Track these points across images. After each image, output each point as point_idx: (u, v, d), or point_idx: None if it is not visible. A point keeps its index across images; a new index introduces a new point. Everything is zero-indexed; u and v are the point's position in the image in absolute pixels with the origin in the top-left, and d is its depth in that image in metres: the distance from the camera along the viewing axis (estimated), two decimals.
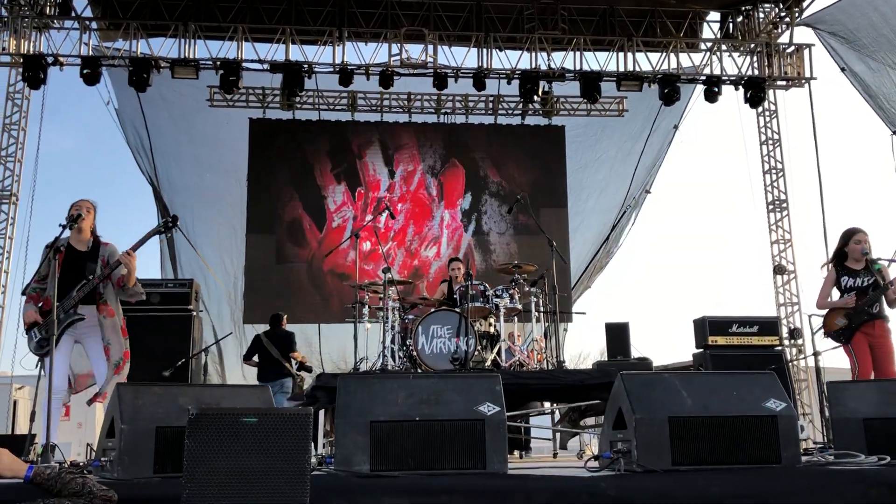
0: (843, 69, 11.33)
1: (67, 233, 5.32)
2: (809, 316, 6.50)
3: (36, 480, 2.99)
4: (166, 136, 12.61)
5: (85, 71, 10.82)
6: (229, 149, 12.78)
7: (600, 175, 13.52)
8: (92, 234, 5.57)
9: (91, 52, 11.06)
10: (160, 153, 12.57)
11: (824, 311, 6.45)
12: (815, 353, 6.17)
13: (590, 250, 13.53)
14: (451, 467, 3.60)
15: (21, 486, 3.01)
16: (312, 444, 2.99)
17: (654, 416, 3.69)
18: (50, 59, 10.88)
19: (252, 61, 11.25)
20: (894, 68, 10.58)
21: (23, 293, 5.39)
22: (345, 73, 11.25)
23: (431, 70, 11.48)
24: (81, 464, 4.62)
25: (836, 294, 6.51)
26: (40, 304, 5.33)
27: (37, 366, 5.18)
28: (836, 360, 6.61)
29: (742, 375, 4.03)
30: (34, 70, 10.70)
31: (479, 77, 11.52)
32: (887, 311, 6.30)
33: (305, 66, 11.24)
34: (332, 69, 11.37)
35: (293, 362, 9.68)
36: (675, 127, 13.17)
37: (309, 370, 9.69)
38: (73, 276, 5.36)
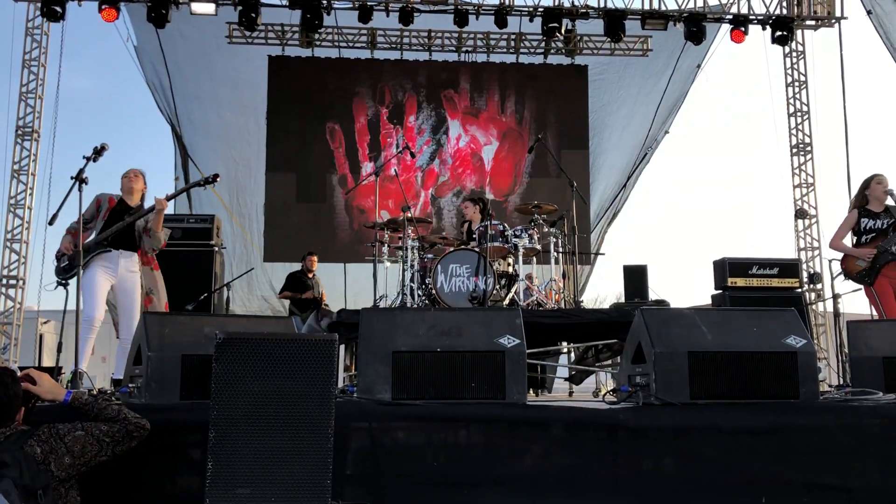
0: (869, 12, 11.00)
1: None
2: (829, 261, 6.48)
3: (74, 405, 3.10)
4: (185, 74, 12.52)
5: (103, 6, 10.72)
6: (248, 87, 12.71)
7: (622, 113, 13.34)
8: (142, 198, 5.96)
9: None
10: (179, 91, 12.52)
11: (838, 254, 6.44)
12: (835, 296, 6.16)
13: (612, 191, 13.44)
14: (470, 397, 3.66)
15: (60, 409, 3.11)
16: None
17: (674, 350, 3.72)
18: None
19: None
20: None
21: (56, 224, 5.61)
22: (364, 10, 11.09)
23: (452, 6, 11.29)
24: (109, 391, 4.73)
25: (848, 239, 6.49)
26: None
27: (55, 287, 5.34)
28: (854, 305, 6.60)
29: (763, 312, 4.04)
30: (52, 4, 10.61)
31: (501, 14, 11.31)
32: None
33: (324, 1, 11.08)
34: (351, 5, 11.21)
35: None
36: (699, 66, 12.92)
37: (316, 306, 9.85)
38: (116, 222, 5.75)
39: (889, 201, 6.37)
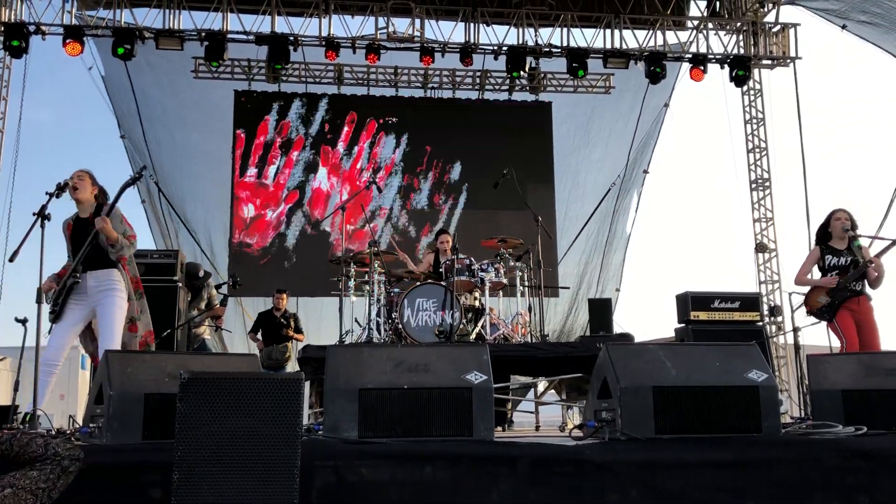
0: (843, 27, 11.20)
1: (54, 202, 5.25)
2: (790, 294, 6.58)
3: None
4: (153, 100, 12.50)
5: (67, 41, 10.65)
6: (217, 108, 12.69)
7: (595, 156, 13.53)
8: (96, 199, 5.48)
9: (74, 21, 10.88)
10: (148, 117, 12.48)
11: (803, 288, 6.53)
12: (795, 329, 6.26)
13: (595, 233, 13.63)
14: (438, 434, 3.64)
15: None
16: None
17: (639, 385, 3.75)
18: (32, 28, 10.70)
19: (237, 33, 11.13)
20: None
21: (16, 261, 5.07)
22: (331, 46, 11.18)
23: (418, 44, 11.42)
24: (67, 431, 4.64)
25: (816, 273, 6.58)
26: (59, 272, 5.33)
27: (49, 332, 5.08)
28: (814, 337, 6.71)
29: (725, 347, 4.10)
30: (16, 39, 10.52)
31: (466, 52, 11.48)
32: (868, 290, 6.39)
33: (291, 38, 11.14)
34: (318, 42, 11.29)
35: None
36: (666, 105, 13.22)
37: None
38: (82, 244, 5.32)
39: (857, 235, 6.44)
